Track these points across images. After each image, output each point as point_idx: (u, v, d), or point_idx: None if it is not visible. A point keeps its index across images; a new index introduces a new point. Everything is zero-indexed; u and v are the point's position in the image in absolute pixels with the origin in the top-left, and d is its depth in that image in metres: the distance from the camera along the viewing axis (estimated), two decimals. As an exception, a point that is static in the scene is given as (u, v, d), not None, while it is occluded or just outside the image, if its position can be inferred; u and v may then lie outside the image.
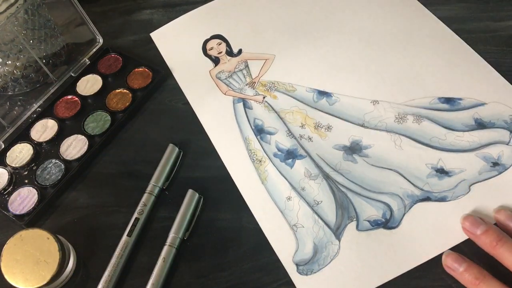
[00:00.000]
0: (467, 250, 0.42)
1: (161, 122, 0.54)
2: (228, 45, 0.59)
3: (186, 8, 0.64)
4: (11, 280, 0.40)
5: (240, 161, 0.49)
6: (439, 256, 0.42)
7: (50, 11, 0.57)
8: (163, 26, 0.62)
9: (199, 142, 0.52)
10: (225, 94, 0.55)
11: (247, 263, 0.44)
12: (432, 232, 0.43)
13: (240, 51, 0.58)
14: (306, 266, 0.43)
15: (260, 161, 0.49)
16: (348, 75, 0.54)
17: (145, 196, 0.47)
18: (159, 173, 0.48)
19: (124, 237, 0.45)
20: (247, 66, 0.57)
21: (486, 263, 0.40)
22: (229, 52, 0.59)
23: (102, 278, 0.43)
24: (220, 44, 0.60)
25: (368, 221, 0.44)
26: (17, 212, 0.48)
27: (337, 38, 0.58)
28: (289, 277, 0.42)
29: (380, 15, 0.59)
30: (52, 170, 0.50)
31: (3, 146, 0.52)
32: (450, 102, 0.51)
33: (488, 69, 0.53)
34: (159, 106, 0.55)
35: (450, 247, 0.42)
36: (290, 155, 0.49)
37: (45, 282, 0.40)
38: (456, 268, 0.40)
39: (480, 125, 0.49)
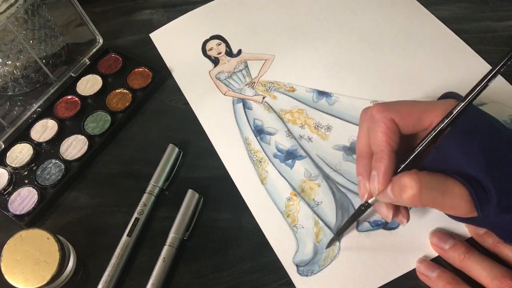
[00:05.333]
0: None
1: (161, 122, 0.54)
2: (227, 45, 0.59)
3: (186, 8, 0.64)
4: (11, 280, 0.40)
5: (240, 162, 0.49)
6: (439, 257, 0.42)
7: (50, 11, 0.56)
8: (163, 27, 0.62)
9: (199, 142, 0.52)
10: (224, 94, 0.55)
11: (247, 263, 0.44)
12: (432, 233, 0.43)
13: (239, 52, 0.58)
14: (306, 267, 0.43)
15: (260, 162, 0.49)
16: (348, 75, 0.54)
17: (145, 196, 0.47)
18: (159, 173, 0.48)
19: (124, 237, 0.45)
20: (246, 66, 0.57)
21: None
22: (229, 53, 0.59)
23: (102, 278, 0.43)
24: (219, 45, 0.60)
25: (368, 221, 0.44)
26: (17, 212, 0.48)
27: (336, 38, 0.58)
28: (289, 277, 0.42)
29: (380, 15, 0.59)
30: (52, 170, 0.50)
31: (3, 146, 0.52)
32: (450, 103, 0.51)
33: (488, 69, 0.52)
34: (159, 106, 0.55)
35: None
36: (290, 156, 0.49)
37: (45, 282, 0.40)
38: (430, 274, 0.40)
39: (480, 125, 0.49)
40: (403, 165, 0.37)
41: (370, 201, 0.39)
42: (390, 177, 0.37)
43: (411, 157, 0.37)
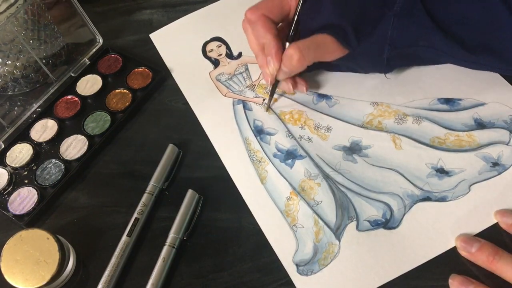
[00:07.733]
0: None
1: (161, 122, 0.54)
2: (228, 47, 0.59)
3: (186, 8, 0.64)
4: (11, 280, 0.40)
5: (240, 162, 0.49)
6: (439, 256, 0.42)
7: (50, 11, 0.57)
8: (163, 28, 0.62)
9: (199, 142, 0.52)
10: (225, 96, 0.55)
11: (247, 263, 0.44)
12: (432, 232, 0.43)
13: (240, 54, 0.58)
14: (306, 266, 0.43)
15: (260, 162, 0.49)
16: (347, 77, 0.54)
17: (145, 196, 0.47)
18: (159, 173, 0.48)
19: (124, 237, 0.45)
20: (247, 69, 0.57)
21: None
22: (229, 55, 0.59)
23: (102, 278, 0.43)
24: (220, 47, 0.60)
25: (368, 221, 0.44)
26: (17, 212, 0.48)
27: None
28: (289, 277, 0.42)
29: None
30: (52, 170, 0.50)
31: (3, 146, 0.52)
32: (450, 103, 0.51)
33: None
34: (159, 106, 0.55)
35: (450, 248, 0.42)
36: (290, 156, 0.49)
37: (45, 282, 0.40)
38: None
39: (480, 125, 0.49)
40: (287, 43, 0.47)
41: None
42: (281, 56, 0.47)
43: (291, 33, 0.48)
